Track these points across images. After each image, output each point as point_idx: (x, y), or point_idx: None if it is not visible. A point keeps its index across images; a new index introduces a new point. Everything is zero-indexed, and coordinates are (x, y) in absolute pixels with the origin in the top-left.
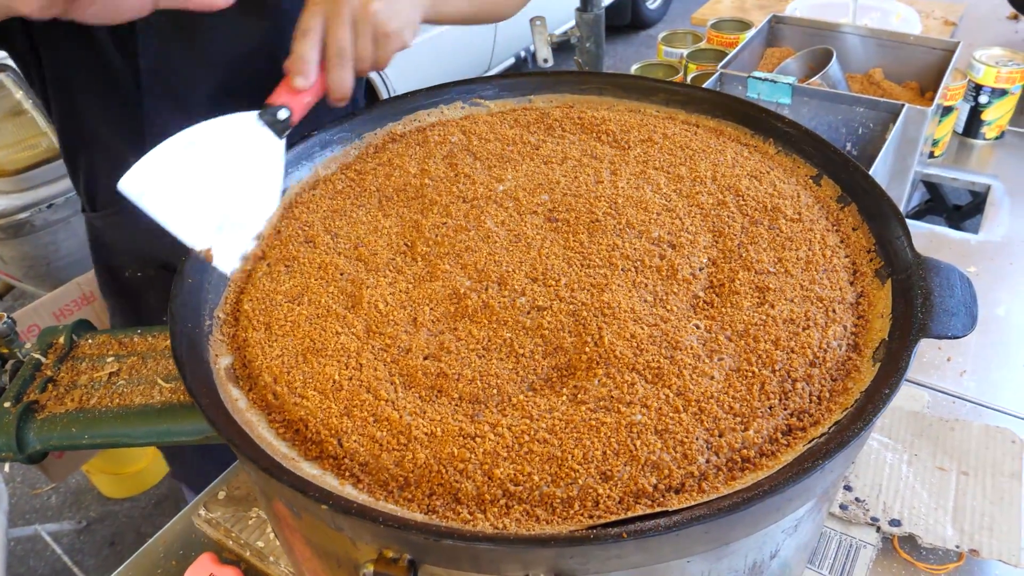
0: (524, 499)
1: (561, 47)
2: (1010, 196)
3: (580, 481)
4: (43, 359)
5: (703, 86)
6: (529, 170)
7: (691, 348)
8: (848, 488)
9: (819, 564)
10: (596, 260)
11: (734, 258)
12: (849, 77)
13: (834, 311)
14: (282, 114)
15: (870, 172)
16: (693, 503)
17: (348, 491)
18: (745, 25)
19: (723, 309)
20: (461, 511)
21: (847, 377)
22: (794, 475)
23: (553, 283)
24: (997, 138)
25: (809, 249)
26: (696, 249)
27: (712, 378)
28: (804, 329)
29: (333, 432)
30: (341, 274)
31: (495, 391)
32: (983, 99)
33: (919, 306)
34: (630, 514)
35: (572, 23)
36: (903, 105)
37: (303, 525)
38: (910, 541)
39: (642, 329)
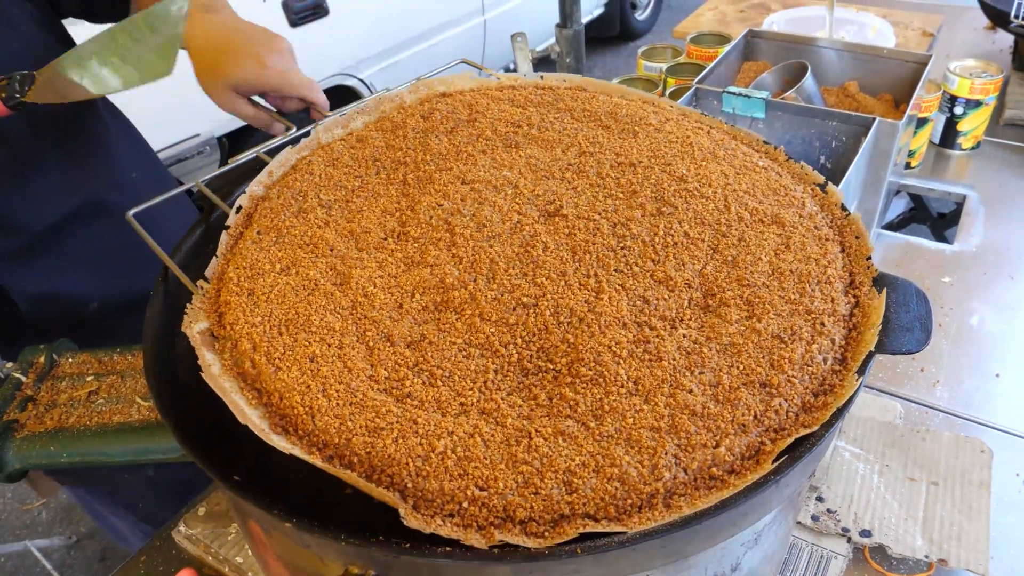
0: (487, 504)
1: (542, 63)
2: (985, 206)
3: (544, 492)
4: (23, 378)
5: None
6: (532, 158)
7: (673, 360)
8: (820, 499)
9: (790, 575)
10: (589, 260)
11: (729, 267)
12: (825, 90)
13: (822, 324)
14: None
15: (842, 184)
16: (654, 525)
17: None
18: (724, 39)
19: (711, 320)
20: (423, 513)
21: (829, 392)
22: (744, 490)
23: (543, 280)
24: (973, 148)
25: (806, 260)
26: (692, 256)
27: (691, 392)
28: (789, 344)
29: (308, 409)
30: (331, 249)
31: (472, 390)
32: (958, 110)
33: None
34: (589, 530)
35: (553, 39)
36: (875, 119)
37: (274, 542)
38: (880, 551)
39: (627, 336)
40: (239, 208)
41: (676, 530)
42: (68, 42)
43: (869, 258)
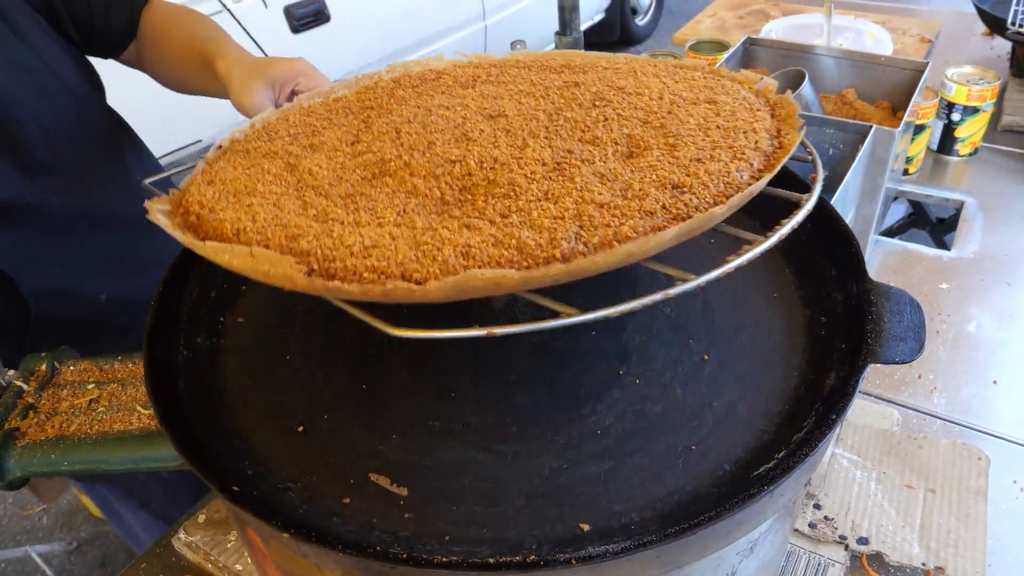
0: (384, 272)
1: None
2: (983, 212)
3: (440, 259)
4: (25, 386)
5: None
6: (486, 91)
7: (586, 179)
8: (817, 507)
9: None
10: (522, 133)
11: (655, 130)
12: (823, 97)
13: (743, 153)
14: None
15: (839, 191)
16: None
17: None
18: (723, 46)
19: (631, 161)
20: (335, 282)
21: (741, 188)
22: (739, 500)
23: (473, 147)
24: (971, 154)
25: (734, 120)
26: (621, 125)
27: (600, 194)
28: (707, 162)
29: (235, 233)
30: (289, 154)
31: (391, 214)
32: (955, 117)
33: (870, 332)
34: (483, 276)
35: (552, 46)
36: (871, 126)
37: (272, 551)
38: (878, 559)
39: (544, 169)
40: (219, 147)
41: (670, 540)
42: (80, 59)
43: (802, 129)
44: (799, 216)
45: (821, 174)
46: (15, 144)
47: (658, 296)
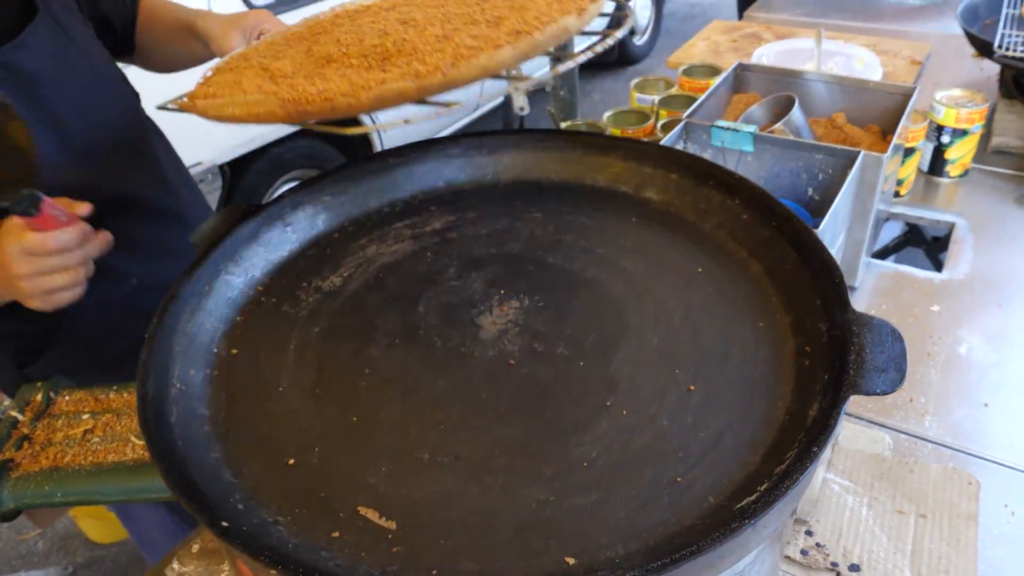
0: (334, 97)
1: (537, 92)
2: (974, 233)
3: (366, 87)
4: (20, 417)
5: (659, 143)
6: (404, 9)
7: (463, 39)
8: (809, 533)
9: None
10: (424, 25)
11: (518, 8)
12: (813, 122)
13: (568, 9)
14: None
15: (829, 215)
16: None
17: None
18: (715, 71)
19: (495, 28)
20: (301, 106)
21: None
22: (722, 534)
23: (390, 37)
24: (962, 176)
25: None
26: (495, 9)
27: (469, 43)
28: (542, 17)
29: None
30: (262, 64)
31: (337, 76)
32: (945, 139)
33: (852, 363)
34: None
35: (547, 68)
36: (859, 152)
37: None
38: None
39: (436, 38)
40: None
41: (653, 575)
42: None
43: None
44: (609, 40)
45: (632, 13)
46: (59, 128)
47: (506, 85)
